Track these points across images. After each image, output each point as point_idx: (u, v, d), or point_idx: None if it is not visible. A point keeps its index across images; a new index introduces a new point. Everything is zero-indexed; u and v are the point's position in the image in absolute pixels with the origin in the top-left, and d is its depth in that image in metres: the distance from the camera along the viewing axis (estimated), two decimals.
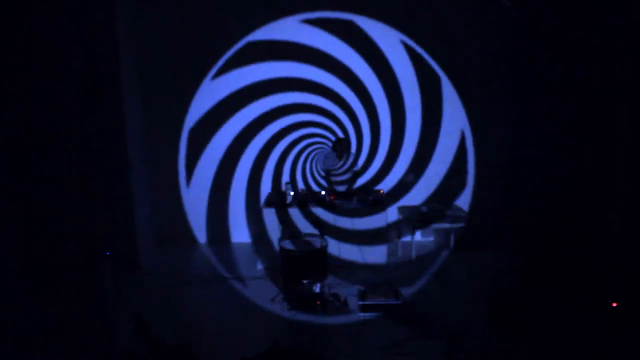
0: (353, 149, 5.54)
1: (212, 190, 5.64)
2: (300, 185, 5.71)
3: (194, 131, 5.47)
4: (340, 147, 5.22)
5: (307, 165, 5.67)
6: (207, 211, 5.68)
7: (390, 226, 5.38)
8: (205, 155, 5.55)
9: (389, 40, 5.33)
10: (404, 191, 5.68)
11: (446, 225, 5.14)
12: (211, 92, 5.38)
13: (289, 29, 5.26)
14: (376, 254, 4.99)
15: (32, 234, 4.60)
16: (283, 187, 5.33)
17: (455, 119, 5.47)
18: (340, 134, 5.54)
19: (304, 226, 4.94)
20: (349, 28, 5.28)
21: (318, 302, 4.10)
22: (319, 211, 4.94)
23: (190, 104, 5.39)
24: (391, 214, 5.38)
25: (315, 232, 4.63)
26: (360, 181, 5.65)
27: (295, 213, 4.96)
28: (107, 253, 4.30)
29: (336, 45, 5.34)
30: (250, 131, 5.54)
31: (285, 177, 5.66)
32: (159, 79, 5.29)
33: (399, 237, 5.47)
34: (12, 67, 4.40)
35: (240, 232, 5.76)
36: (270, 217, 4.92)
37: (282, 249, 4.24)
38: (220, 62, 5.30)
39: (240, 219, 5.73)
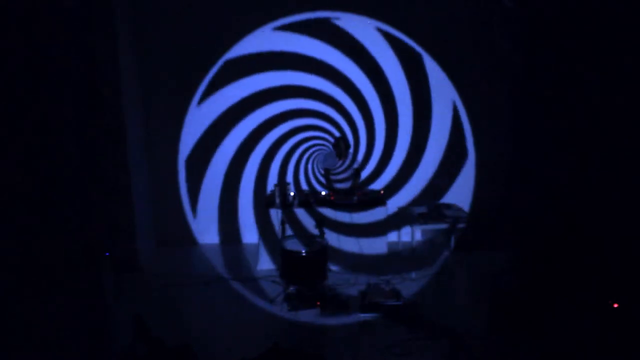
0: (351, 149, 5.53)
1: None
2: (302, 185, 5.71)
3: (194, 131, 5.47)
4: (341, 146, 5.21)
5: (307, 166, 5.67)
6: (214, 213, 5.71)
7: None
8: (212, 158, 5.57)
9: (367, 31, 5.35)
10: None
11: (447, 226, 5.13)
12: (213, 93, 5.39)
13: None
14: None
15: (31, 234, 4.59)
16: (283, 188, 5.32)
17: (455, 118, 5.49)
18: (337, 134, 5.53)
19: (304, 226, 4.94)
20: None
21: (318, 303, 4.10)
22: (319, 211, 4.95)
23: (190, 104, 5.38)
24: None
25: (316, 232, 4.62)
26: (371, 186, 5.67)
27: (295, 213, 4.97)
28: (107, 254, 4.29)
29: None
30: (251, 138, 5.57)
31: (287, 178, 5.67)
32: (159, 79, 5.28)
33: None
34: (10, 68, 4.40)
35: (240, 233, 5.76)
36: (270, 217, 4.92)
37: (282, 249, 4.24)
38: (220, 62, 5.30)
39: (243, 220, 5.73)
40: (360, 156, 5.63)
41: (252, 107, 5.45)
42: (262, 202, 5.36)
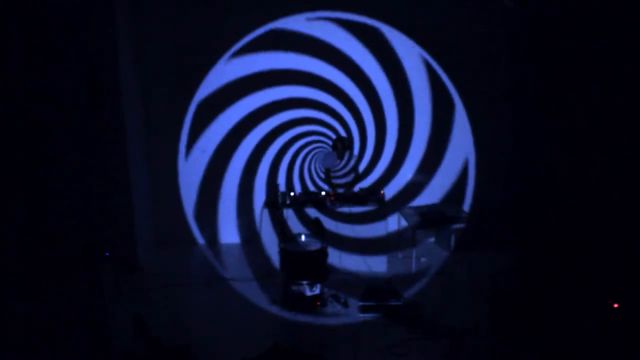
0: (355, 151, 5.51)
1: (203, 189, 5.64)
2: (299, 186, 5.70)
3: (193, 132, 5.47)
4: (341, 145, 5.17)
5: (307, 165, 5.66)
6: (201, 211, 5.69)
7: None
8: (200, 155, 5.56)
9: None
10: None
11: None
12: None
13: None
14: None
15: (31, 234, 4.59)
16: (282, 188, 5.32)
17: (455, 119, 5.48)
18: (343, 133, 5.50)
19: (304, 227, 4.94)
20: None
21: (318, 303, 4.10)
22: (317, 212, 4.94)
23: (190, 104, 5.38)
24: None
25: (315, 232, 4.62)
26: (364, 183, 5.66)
27: (295, 213, 4.97)
28: (107, 254, 4.29)
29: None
30: (247, 128, 5.54)
31: (283, 177, 5.66)
32: (158, 78, 5.28)
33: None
34: (10, 67, 4.40)
35: (237, 233, 5.76)
36: (268, 217, 4.92)
37: (281, 249, 4.23)
38: (218, 63, 5.30)
39: (243, 220, 5.73)
40: (366, 158, 5.62)
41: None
42: (259, 202, 5.35)
